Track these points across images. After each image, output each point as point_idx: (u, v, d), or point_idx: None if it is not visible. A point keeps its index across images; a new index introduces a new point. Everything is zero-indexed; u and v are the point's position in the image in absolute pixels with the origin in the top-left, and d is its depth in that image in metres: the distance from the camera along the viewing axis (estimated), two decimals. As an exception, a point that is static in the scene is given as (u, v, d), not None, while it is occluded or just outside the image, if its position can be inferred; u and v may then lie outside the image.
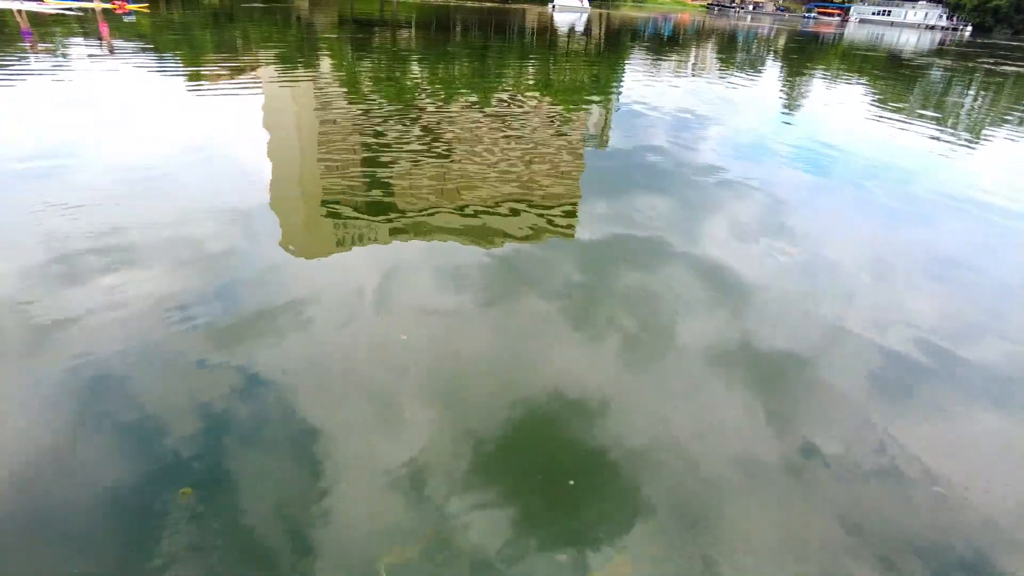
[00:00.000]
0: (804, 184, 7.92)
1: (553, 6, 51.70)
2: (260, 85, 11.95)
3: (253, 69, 13.60)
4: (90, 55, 13.73)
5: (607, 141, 9.75)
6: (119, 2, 22.53)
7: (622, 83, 16.52)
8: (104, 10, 21.89)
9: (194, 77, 12.22)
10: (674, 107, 12.72)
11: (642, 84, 16.24)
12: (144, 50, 15.30)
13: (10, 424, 2.91)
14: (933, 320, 4.56)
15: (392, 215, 5.84)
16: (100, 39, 16.19)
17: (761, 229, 6.12)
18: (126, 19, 20.52)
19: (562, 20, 40.37)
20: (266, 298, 4.11)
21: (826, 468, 3.01)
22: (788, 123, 12.33)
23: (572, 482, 2.80)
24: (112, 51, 14.25)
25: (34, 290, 4.02)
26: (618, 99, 13.70)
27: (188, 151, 7.24)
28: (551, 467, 2.88)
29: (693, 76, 19.01)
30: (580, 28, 35.17)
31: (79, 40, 15.97)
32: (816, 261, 5.47)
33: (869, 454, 3.13)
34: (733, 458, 3.02)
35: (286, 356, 3.51)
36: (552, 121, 10.82)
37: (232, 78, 12.27)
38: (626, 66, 20.46)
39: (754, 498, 2.80)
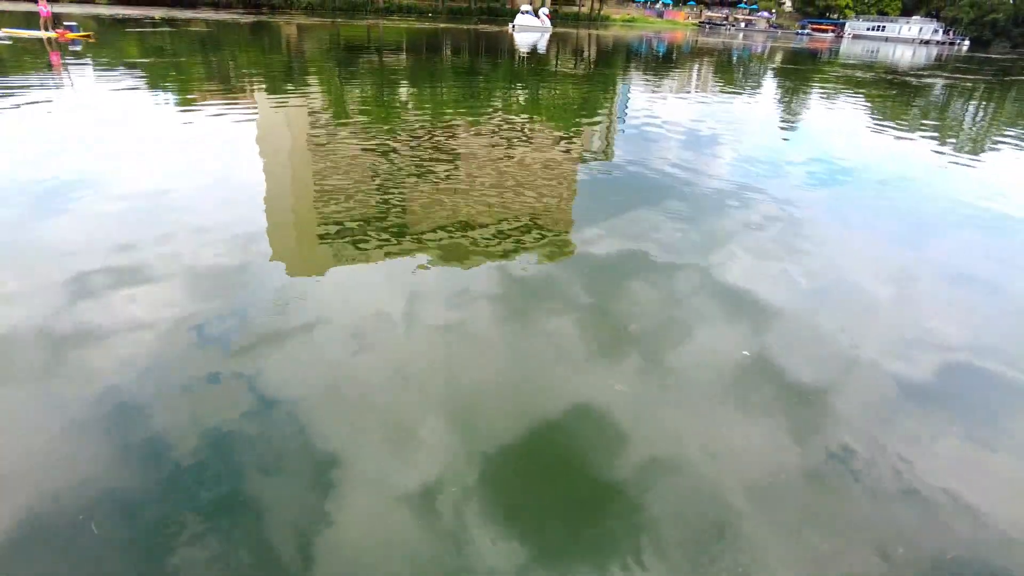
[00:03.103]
0: (816, 198, 7.93)
1: (513, 26, 51.95)
2: (254, 109, 12.02)
3: (244, 94, 13.61)
4: (57, 84, 13.69)
5: (611, 158, 9.81)
6: (60, 31, 22.88)
7: (622, 101, 16.69)
8: (49, 39, 22.14)
9: (184, 102, 12.24)
10: (677, 124, 12.80)
11: (643, 102, 16.45)
12: (125, 76, 15.31)
13: (26, 439, 3.03)
14: (956, 336, 4.55)
15: (390, 234, 5.89)
16: (51, 67, 16.27)
17: (774, 245, 6.14)
18: (72, 48, 20.70)
19: (523, 40, 40.68)
20: (268, 319, 4.19)
21: (846, 490, 3.00)
22: (795, 138, 12.40)
23: (586, 503, 2.82)
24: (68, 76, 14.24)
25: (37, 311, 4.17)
26: (622, 117, 13.81)
27: (179, 176, 7.33)
28: (566, 486, 2.92)
29: (691, 94, 19.14)
30: (542, 47, 35.43)
31: (33, 71, 15.94)
32: (833, 277, 5.49)
33: (891, 476, 3.11)
34: (751, 480, 3.01)
35: (292, 375, 3.59)
36: (553, 139, 10.85)
37: (217, 102, 12.25)
38: (625, 85, 20.67)
39: (774, 519, 2.80)
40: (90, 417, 3.18)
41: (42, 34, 22.62)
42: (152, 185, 6.92)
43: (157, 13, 49.24)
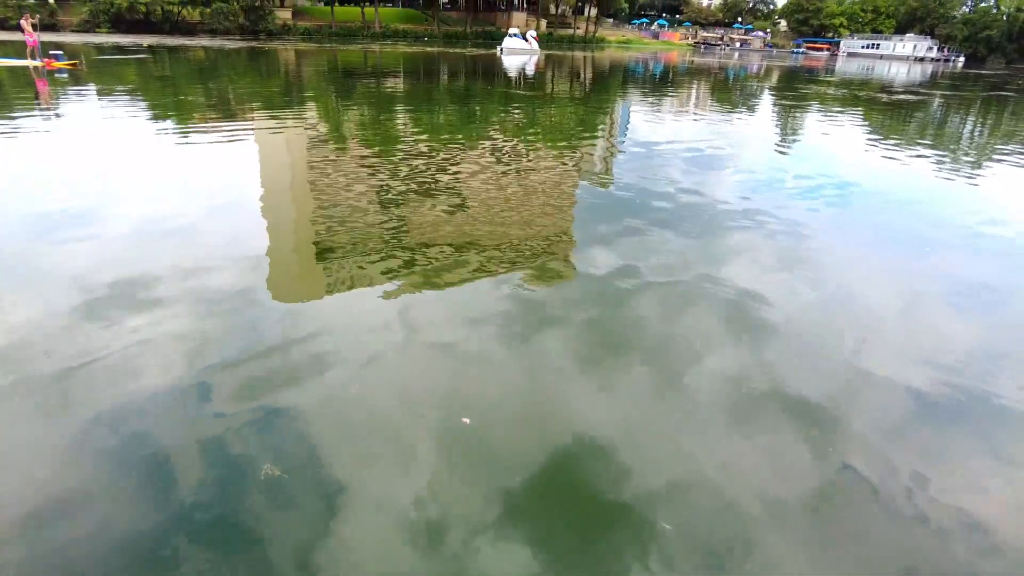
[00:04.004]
0: (818, 216, 7.86)
1: (501, 49, 52.03)
2: (251, 132, 12.07)
3: (242, 119, 13.48)
4: (48, 112, 13.52)
5: (611, 177, 9.76)
6: (47, 60, 22.78)
7: (622, 121, 16.72)
8: (35, 68, 22.10)
9: (183, 130, 12.16)
10: (677, 143, 12.71)
11: (642, 121, 16.53)
12: (121, 102, 15.12)
13: (36, 456, 3.07)
14: (965, 354, 4.49)
15: (391, 257, 5.87)
16: (38, 95, 16.25)
17: (780, 263, 6.11)
18: (58, 75, 20.66)
19: (511, 63, 40.68)
20: (268, 343, 4.16)
21: (858, 509, 2.97)
22: (795, 157, 12.23)
23: (597, 527, 2.79)
24: (51, 104, 14.15)
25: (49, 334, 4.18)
26: (622, 136, 13.87)
27: (177, 201, 7.29)
28: (575, 507, 2.89)
29: (689, 113, 19.01)
30: (531, 69, 35.44)
31: (20, 98, 15.80)
32: (839, 295, 5.46)
33: (904, 495, 3.07)
34: (763, 500, 2.97)
35: (299, 399, 3.56)
36: (552, 160, 10.79)
37: (213, 128, 12.17)
38: (623, 105, 20.61)
39: (790, 540, 2.77)
40: (91, 440, 3.19)
41: (28, 63, 22.45)
42: (151, 211, 6.85)
43: (147, 41, 49.50)
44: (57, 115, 13.34)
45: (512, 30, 55.66)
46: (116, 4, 62.45)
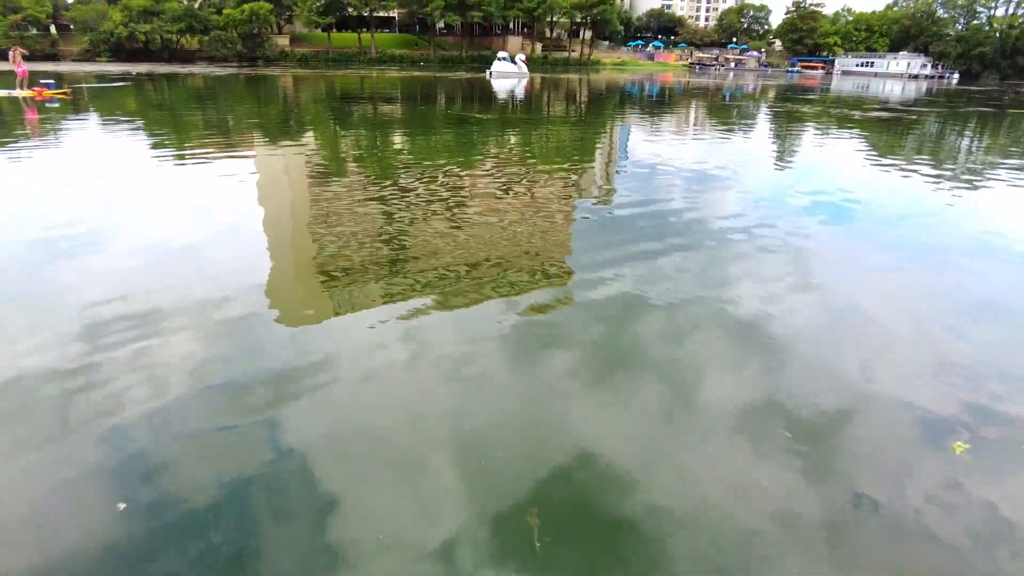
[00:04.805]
0: (821, 233, 7.82)
1: (490, 72, 52.29)
2: (252, 159, 12.16)
3: (241, 145, 13.47)
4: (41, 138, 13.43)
5: (612, 197, 9.81)
6: (38, 89, 22.82)
7: (622, 141, 16.86)
8: (25, 98, 22.14)
9: (180, 156, 12.29)
10: (676, 162, 12.76)
11: (641, 141, 16.70)
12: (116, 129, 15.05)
13: (46, 473, 3.11)
14: (974, 371, 4.40)
15: (392, 279, 5.86)
16: (27, 126, 16.22)
17: (785, 282, 6.05)
18: (49, 105, 20.68)
19: (500, 86, 40.88)
20: (272, 367, 4.18)
21: (869, 530, 2.92)
22: (794, 174, 12.20)
23: (602, 548, 2.76)
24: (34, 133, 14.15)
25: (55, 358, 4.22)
26: (622, 156, 13.99)
27: (176, 227, 7.32)
28: (582, 533, 2.85)
29: (687, 132, 18.95)
30: (520, 93, 35.55)
31: (10, 128, 15.78)
32: (846, 312, 5.40)
33: (917, 514, 3.01)
34: (774, 522, 2.93)
35: (303, 423, 3.58)
36: (552, 181, 10.82)
37: (217, 154, 12.24)
38: (622, 126, 20.65)
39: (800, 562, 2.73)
40: (95, 466, 3.19)
41: (18, 93, 22.46)
42: (152, 239, 6.86)
43: (138, 69, 49.96)
44: (45, 143, 13.29)
45: (501, 54, 56.06)
46: (116, 34, 63.32)
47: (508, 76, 51.53)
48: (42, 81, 23.75)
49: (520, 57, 56.38)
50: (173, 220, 7.61)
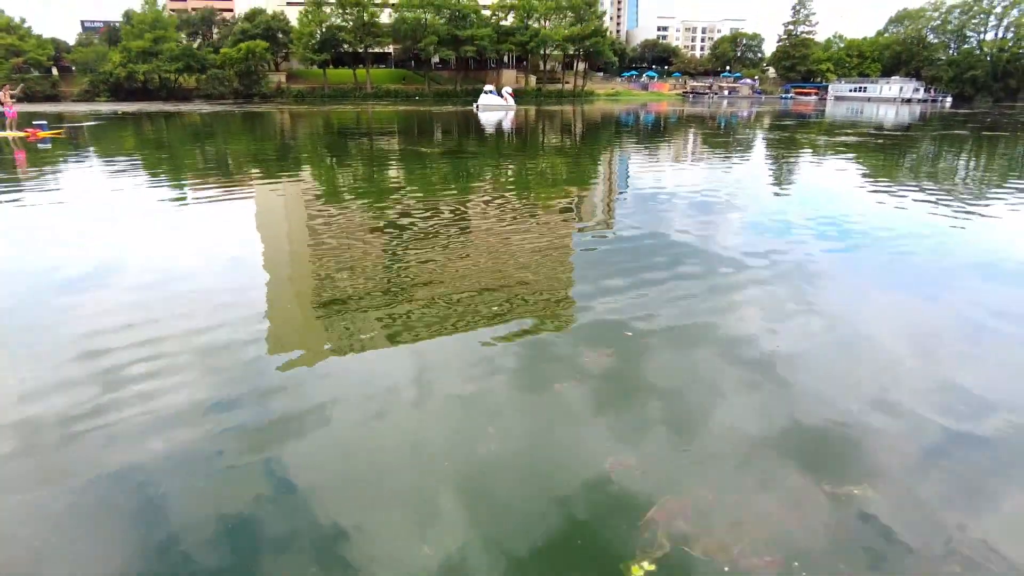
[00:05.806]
0: (824, 259, 7.77)
1: (477, 106, 52.74)
2: (251, 194, 12.39)
3: (240, 181, 13.54)
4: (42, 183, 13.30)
5: (612, 226, 9.84)
6: (31, 130, 22.91)
7: (622, 170, 17.10)
8: (14, 139, 22.28)
9: (173, 192, 12.52)
10: (676, 190, 12.88)
11: (640, 169, 16.95)
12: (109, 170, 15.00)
13: (47, 517, 3.07)
14: (984, 395, 4.35)
15: (391, 311, 5.85)
16: (15, 166, 16.29)
17: (791, 307, 6.01)
18: (41, 146, 20.74)
19: (487, 119, 41.27)
20: (272, 399, 4.21)
21: (884, 557, 2.86)
22: (794, 200, 12.21)
23: None
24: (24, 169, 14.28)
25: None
26: (622, 185, 14.16)
27: (176, 263, 7.41)
28: (588, 565, 2.80)
29: (686, 160, 18.96)
30: (507, 125, 35.83)
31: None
32: (853, 338, 5.35)
33: (929, 543, 2.96)
34: (784, 550, 2.89)
35: (305, 458, 3.57)
36: (552, 210, 10.86)
37: (218, 190, 12.37)
38: (619, 155, 20.77)
39: None
40: (99, 502, 3.20)
41: (8, 134, 22.51)
42: (153, 274, 6.95)
43: (123, 108, 50.70)
44: (42, 184, 13.26)
45: (487, 87, 56.55)
46: (115, 74, 64.33)
47: (495, 109, 51.95)
48: (35, 122, 23.87)
49: (507, 90, 56.86)
50: (173, 254, 7.77)
